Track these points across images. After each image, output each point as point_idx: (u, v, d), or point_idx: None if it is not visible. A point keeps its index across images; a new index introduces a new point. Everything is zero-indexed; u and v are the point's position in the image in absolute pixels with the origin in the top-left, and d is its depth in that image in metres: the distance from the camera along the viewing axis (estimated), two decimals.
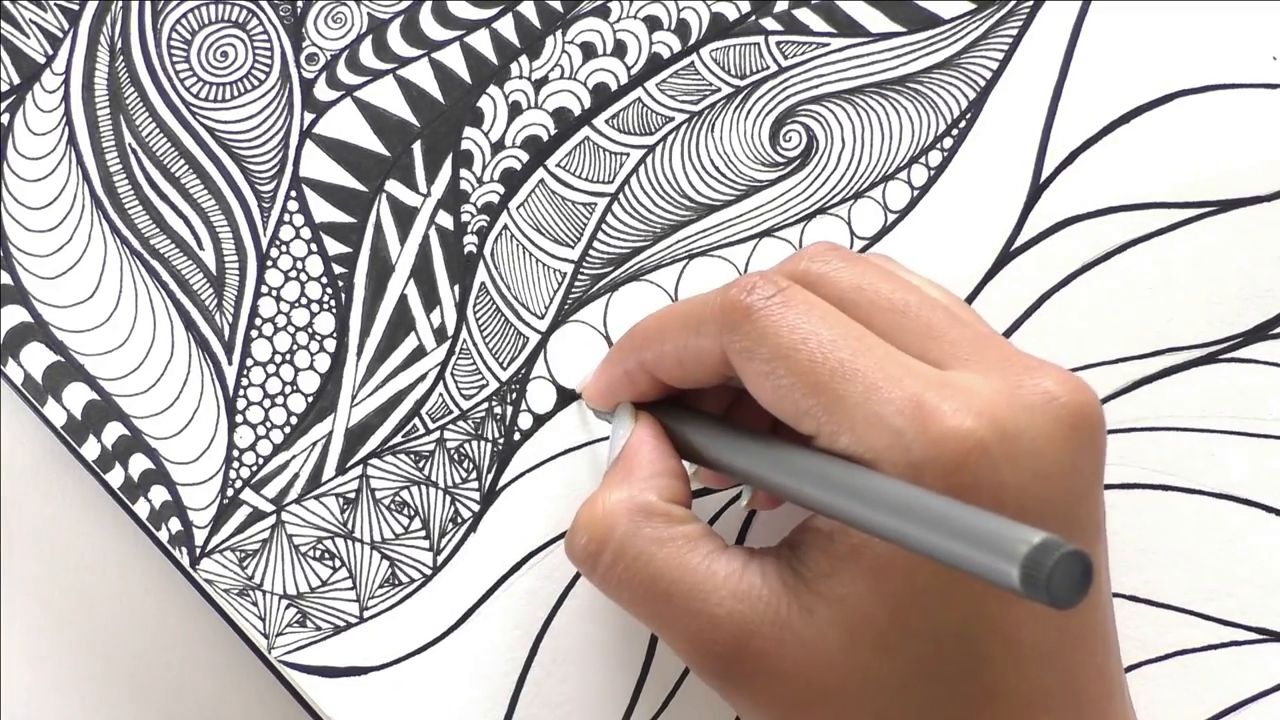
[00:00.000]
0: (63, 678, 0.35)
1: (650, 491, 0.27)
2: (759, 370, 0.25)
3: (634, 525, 0.26)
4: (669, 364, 0.28)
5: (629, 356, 0.29)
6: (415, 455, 0.33)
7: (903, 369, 0.24)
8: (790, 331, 0.25)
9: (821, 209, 0.33)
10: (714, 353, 0.26)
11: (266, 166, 0.34)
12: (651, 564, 0.26)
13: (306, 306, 0.34)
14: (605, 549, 0.27)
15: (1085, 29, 0.34)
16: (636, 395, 0.30)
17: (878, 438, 0.23)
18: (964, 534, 0.19)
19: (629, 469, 0.28)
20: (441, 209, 0.34)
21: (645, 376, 0.29)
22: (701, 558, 0.26)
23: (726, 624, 0.25)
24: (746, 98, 0.34)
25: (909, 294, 0.26)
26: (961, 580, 0.24)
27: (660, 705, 0.32)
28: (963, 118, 0.34)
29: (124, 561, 0.35)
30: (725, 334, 0.26)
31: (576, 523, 0.27)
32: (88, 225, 0.34)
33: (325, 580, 0.33)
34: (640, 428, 0.29)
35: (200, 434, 0.34)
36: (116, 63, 0.35)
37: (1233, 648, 0.32)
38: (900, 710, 0.24)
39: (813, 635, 0.24)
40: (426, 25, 0.35)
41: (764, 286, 0.26)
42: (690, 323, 0.27)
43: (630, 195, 0.34)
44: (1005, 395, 0.24)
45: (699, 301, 0.27)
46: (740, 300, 0.26)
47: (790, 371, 0.25)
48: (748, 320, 0.25)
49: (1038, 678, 0.24)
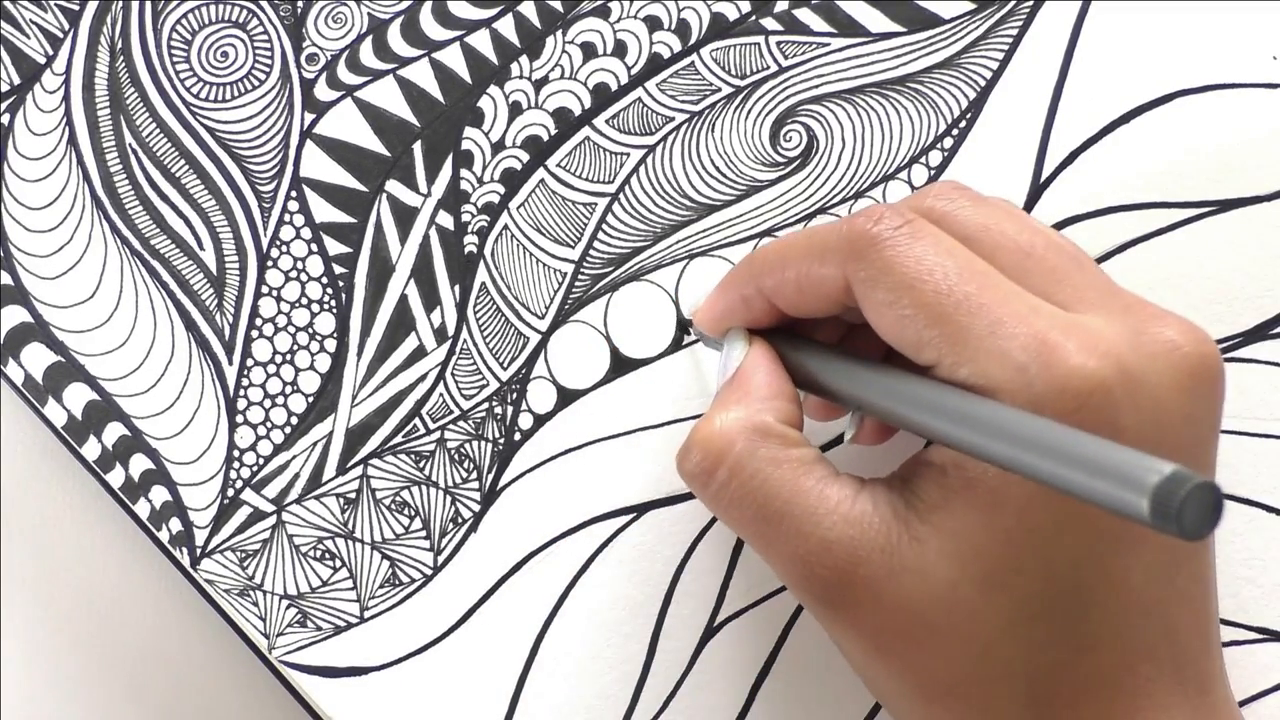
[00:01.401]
0: (63, 677, 0.35)
1: (767, 413, 0.27)
2: (882, 299, 0.25)
3: (751, 444, 0.26)
4: (789, 291, 0.28)
5: (747, 282, 0.29)
6: (416, 455, 0.33)
7: (1029, 307, 0.24)
8: (916, 262, 0.25)
9: (822, 209, 0.34)
10: (836, 281, 0.26)
11: (267, 166, 0.34)
12: (766, 484, 0.26)
13: (307, 306, 0.34)
14: (720, 466, 0.26)
15: (1085, 29, 0.34)
16: (750, 322, 0.29)
17: (1000, 371, 0.23)
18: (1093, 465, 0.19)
19: (745, 390, 0.28)
20: (442, 209, 0.34)
21: (762, 303, 0.29)
22: (815, 481, 0.26)
23: (836, 548, 0.25)
24: (747, 98, 0.34)
25: (1034, 236, 0.26)
26: (1075, 520, 0.24)
27: (661, 705, 0.32)
28: (963, 118, 0.34)
29: (124, 562, 0.35)
30: (850, 262, 0.26)
31: (691, 440, 0.27)
32: (88, 225, 0.34)
33: (326, 580, 0.33)
34: (756, 351, 0.29)
35: (201, 434, 0.34)
36: (117, 63, 0.35)
37: (1233, 647, 0.32)
38: (1004, 648, 0.24)
39: (922, 566, 0.24)
40: (427, 25, 0.35)
41: (891, 217, 0.26)
42: (814, 250, 0.27)
43: (630, 195, 0.34)
44: (1129, 340, 0.24)
45: (823, 230, 0.27)
46: (867, 229, 0.26)
47: (914, 302, 0.25)
48: (873, 249, 0.25)
49: (1141, 627, 0.24)
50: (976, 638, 0.24)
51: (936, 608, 0.24)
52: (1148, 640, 0.24)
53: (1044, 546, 0.24)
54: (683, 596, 0.33)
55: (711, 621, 0.33)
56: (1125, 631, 0.24)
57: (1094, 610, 0.24)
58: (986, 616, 0.24)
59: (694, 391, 0.33)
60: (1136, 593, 0.24)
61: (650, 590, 0.33)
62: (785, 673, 0.32)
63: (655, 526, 0.33)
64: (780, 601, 0.32)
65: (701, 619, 0.33)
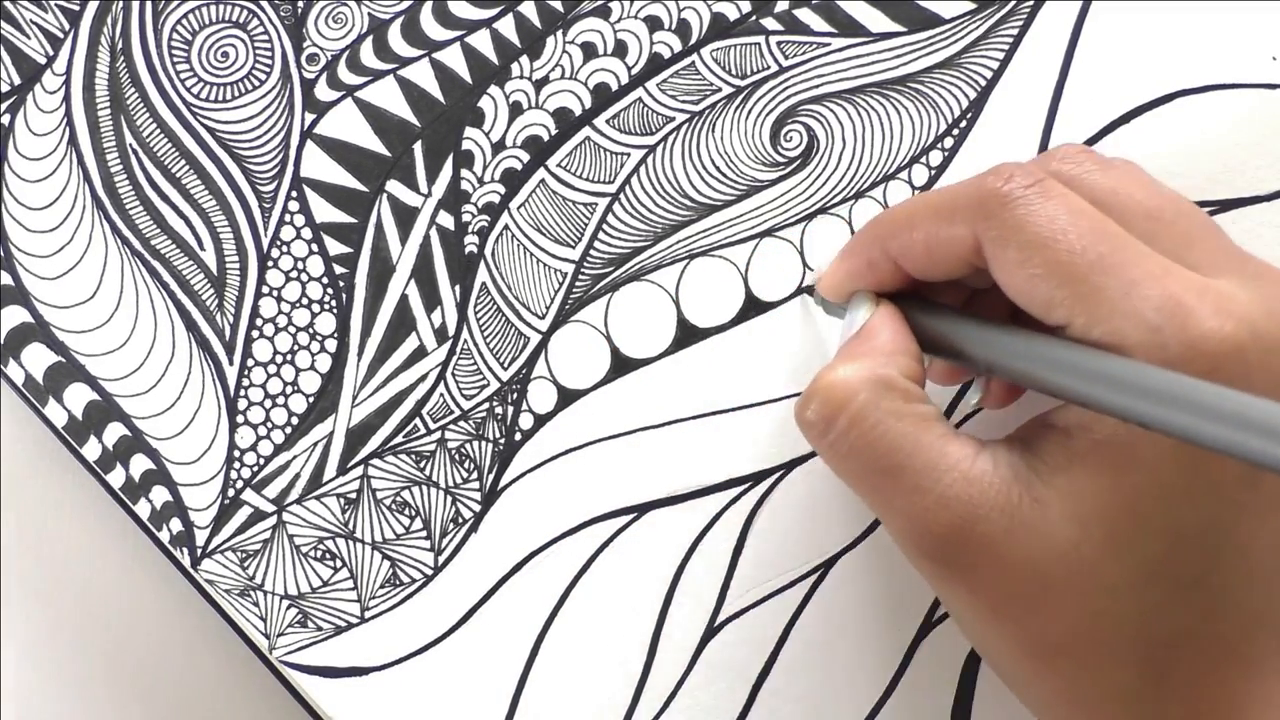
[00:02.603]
0: (63, 678, 0.35)
1: (890, 367, 0.27)
2: (1013, 259, 0.25)
3: (873, 395, 0.26)
4: (917, 253, 0.28)
5: (872, 246, 0.29)
6: (416, 455, 0.33)
7: (1162, 268, 0.24)
8: (1049, 222, 0.25)
9: (822, 209, 0.34)
10: (966, 241, 0.26)
11: (267, 167, 0.34)
12: (886, 436, 0.26)
13: (307, 307, 0.34)
14: (841, 415, 0.26)
15: (1085, 29, 0.34)
16: (875, 285, 0.29)
17: (1134, 331, 0.23)
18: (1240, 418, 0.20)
19: (869, 344, 0.28)
20: (442, 209, 0.34)
21: (888, 266, 0.29)
22: (935, 437, 0.26)
23: (955, 505, 0.25)
24: (747, 98, 0.34)
25: (1163, 201, 0.26)
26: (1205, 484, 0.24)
27: (661, 705, 0.32)
28: (964, 117, 0.34)
29: (125, 562, 0.35)
30: (980, 222, 0.26)
31: (813, 389, 0.27)
32: (89, 226, 0.34)
33: (326, 580, 0.33)
34: (882, 310, 0.29)
35: (201, 434, 0.34)
36: (117, 63, 0.35)
37: None
38: (1124, 611, 0.24)
39: (1043, 526, 0.24)
40: (427, 25, 0.35)
41: (1022, 176, 0.26)
42: (943, 211, 0.27)
43: (631, 195, 0.34)
44: (1262, 306, 0.24)
45: (951, 190, 0.27)
46: (998, 189, 0.26)
47: (1046, 261, 0.24)
48: (1005, 208, 0.25)
49: (1265, 594, 0.24)
50: (1094, 599, 0.24)
51: (1056, 568, 0.24)
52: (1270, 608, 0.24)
53: (1172, 508, 0.24)
54: (683, 596, 0.33)
55: (712, 621, 0.33)
56: (1246, 600, 0.24)
57: (1216, 576, 0.24)
58: (1107, 577, 0.24)
59: (694, 391, 0.33)
60: (1260, 559, 0.24)
61: (651, 590, 0.33)
62: (786, 672, 0.32)
63: (656, 526, 0.33)
64: (781, 601, 0.33)
65: (702, 619, 0.33)
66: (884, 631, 0.32)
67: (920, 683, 0.32)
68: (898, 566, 0.32)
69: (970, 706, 0.32)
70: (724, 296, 0.33)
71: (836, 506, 0.33)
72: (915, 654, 0.32)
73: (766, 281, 0.33)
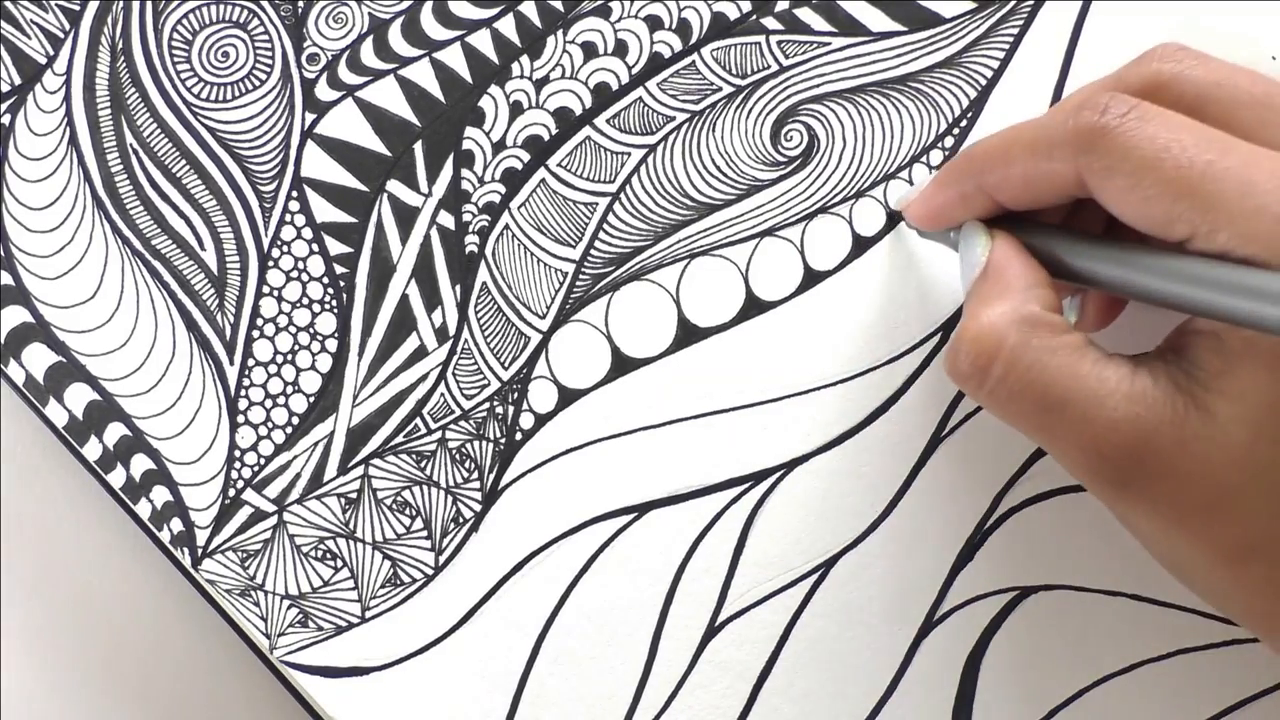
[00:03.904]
0: (63, 678, 0.35)
1: (1031, 302, 0.27)
2: (1122, 185, 0.25)
3: (1023, 336, 0.26)
4: (1014, 187, 0.28)
5: (965, 180, 0.29)
6: (417, 455, 0.33)
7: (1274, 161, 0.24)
8: (1152, 142, 0.25)
9: (823, 208, 0.34)
10: (1065, 175, 0.26)
11: (268, 167, 0.34)
12: (1045, 373, 0.26)
13: (308, 306, 0.34)
14: (995, 362, 0.26)
15: (1085, 29, 0.34)
16: (968, 216, 0.29)
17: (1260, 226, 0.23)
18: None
19: (1002, 283, 0.28)
20: (443, 209, 0.34)
21: (982, 199, 0.29)
22: (1091, 365, 0.26)
23: (1124, 428, 0.25)
24: (748, 97, 0.34)
25: (1269, 86, 0.26)
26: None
27: (662, 706, 0.32)
28: (964, 116, 0.34)
29: (125, 562, 0.35)
30: (1081, 157, 0.26)
31: (959, 342, 0.27)
32: (89, 226, 0.34)
33: (327, 580, 0.33)
34: (1002, 242, 0.28)
35: (202, 434, 0.34)
36: (118, 63, 0.35)
37: (1233, 647, 0.32)
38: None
39: (1214, 433, 0.24)
40: (427, 25, 0.35)
41: (1115, 104, 0.26)
42: (1040, 147, 0.27)
43: (631, 195, 0.34)
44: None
45: (1044, 126, 0.27)
46: (1095, 122, 0.26)
47: (1158, 180, 0.25)
48: (1105, 139, 0.25)
49: None
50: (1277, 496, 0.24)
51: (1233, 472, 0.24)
52: None
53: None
54: (684, 596, 0.33)
55: (713, 621, 0.33)
56: None
57: None
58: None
59: (694, 391, 0.33)
60: None
61: (651, 590, 0.33)
62: (786, 672, 0.32)
63: (656, 526, 0.33)
64: (781, 601, 0.33)
65: (703, 619, 0.33)
66: (884, 631, 0.32)
67: (921, 683, 0.32)
68: (898, 566, 0.32)
69: (971, 706, 0.32)
70: (724, 296, 0.33)
71: (836, 506, 0.33)
72: (915, 654, 0.32)
73: (767, 281, 0.33)
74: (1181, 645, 0.32)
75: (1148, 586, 0.32)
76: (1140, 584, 0.32)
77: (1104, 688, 0.32)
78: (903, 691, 0.32)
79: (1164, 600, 0.32)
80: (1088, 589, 0.32)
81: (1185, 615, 0.32)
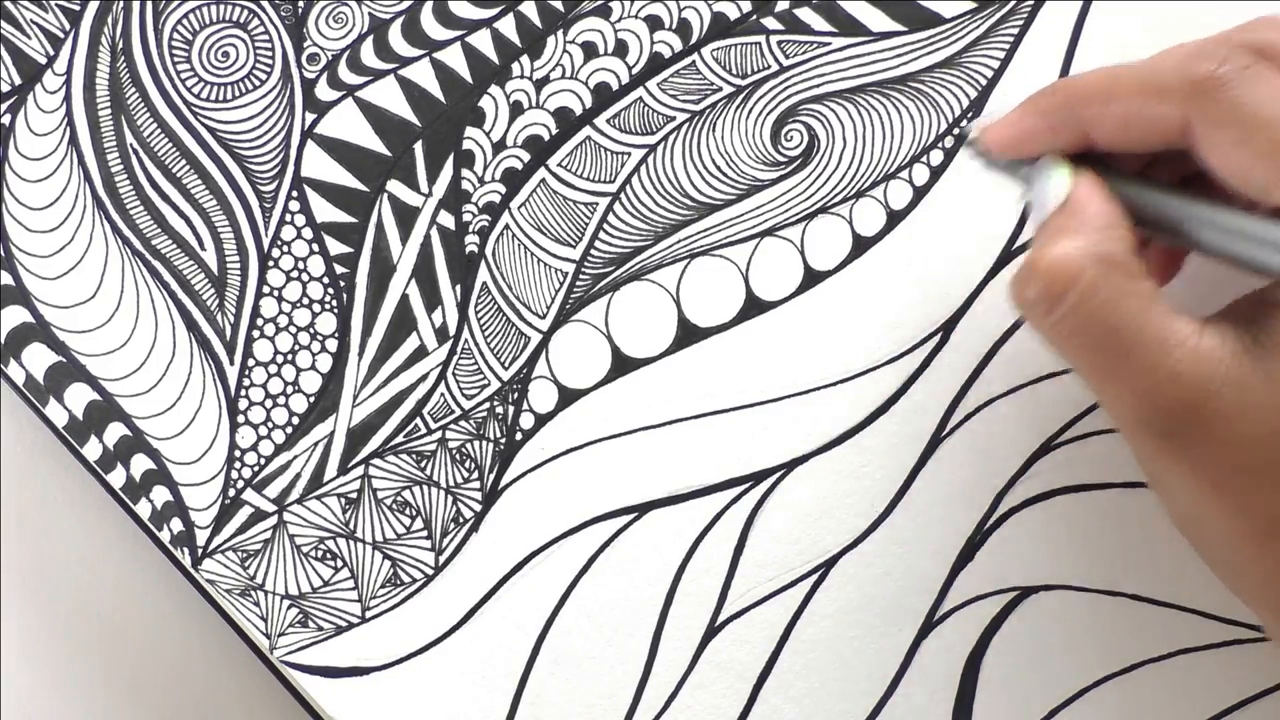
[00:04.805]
0: (63, 678, 0.35)
1: (1111, 242, 0.26)
2: (1230, 138, 0.25)
3: (1101, 272, 0.26)
4: (1111, 125, 0.27)
5: (1060, 110, 0.28)
6: (417, 455, 0.33)
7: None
8: (1270, 103, 0.25)
9: (823, 208, 0.34)
10: (1170, 119, 0.26)
11: (268, 166, 0.34)
12: (1115, 313, 0.26)
13: (308, 306, 0.34)
14: (1069, 294, 0.26)
15: (1086, 29, 0.34)
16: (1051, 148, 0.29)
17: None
18: None
19: (1081, 219, 0.27)
20: (443, 209, 0.34)
21: (1073, 134, 0.28)
22: (1160, 314, 0.26)
23: (1185, 381, 0.25)
24: (748, 97, 0.34)
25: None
26: None
27: (662, 706, 0.32)
28: (964, 116, 0.34)
29: (125, 562, 0.35)
30: (1191, 102, 0.26)
31: (1032, 269, 0.27)
32: (89, 226, 0.34)
33: (327, 580, 0.33)
34: (1086, 179, 0.28)
35: (202, 434, 0.34)
36: (118, 63, 0.35)
37: (1233, 647, 0.32)
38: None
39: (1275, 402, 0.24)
40: (428, 25, 0.35)
41: (1236, 56, 0.26)
42: (1148, 88, 0.27)
43: (631, 195, 0.34)
44: None
45: (1158, 67, 0.27)
46: (1212, 71, 0.25)
47: (1269, 140, 0.25)
48: (1221, 90, 0.25)
49: None
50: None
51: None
52: None
53: None
54: (684, 596, 0.33)
55: (713, 621, 0.33)
56: None
57: None
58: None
59: (694, 391, 0.33)
60: None
61: (651, 590, 0.33)
62: (786, 672, 0.32)
63: (656, 526, 0.33)
64: (781, 601, 0.33)
65: (703, 619, 0.33)
66: (884, 631, 0.32)
67: (921, 683, 0.32)
68: (898, 566, 0.32)
69: (971, 706, 0.32)
70: (725, 296, 0.33)
71: (836, 506, 0.33)
72: (915, 654, 0.32)
73: (767, 281, 0.33)
74: (1181, 645, 0.32)
75: (1148, 586, 0.32)
76: (1140, 584, 0.32)
77: (1104, 688, 0.32)
78: (903, 691, 0.32)
79: (1164, 600, 0.32)
80: (1088, 589, 0.32)
81: (1185, 615, 0.32)
